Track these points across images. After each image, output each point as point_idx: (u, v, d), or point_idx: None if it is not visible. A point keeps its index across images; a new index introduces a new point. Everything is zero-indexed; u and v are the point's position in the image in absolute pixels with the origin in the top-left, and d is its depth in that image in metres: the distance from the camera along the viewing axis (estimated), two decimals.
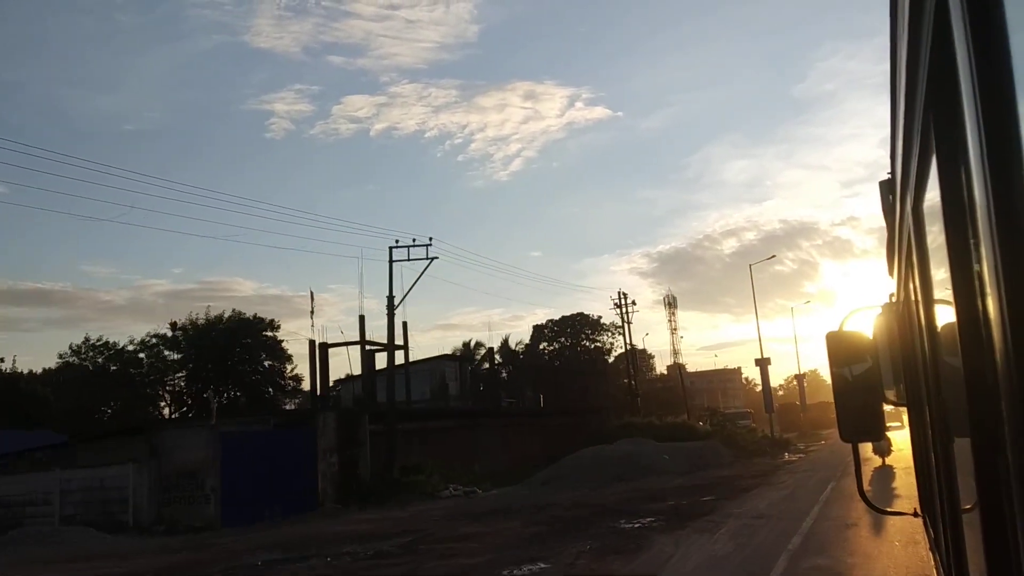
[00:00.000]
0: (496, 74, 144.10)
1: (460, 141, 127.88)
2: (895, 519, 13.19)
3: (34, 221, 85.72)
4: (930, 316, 1.89)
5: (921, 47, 1.23)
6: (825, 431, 60.47)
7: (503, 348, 63.61)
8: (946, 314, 1.52)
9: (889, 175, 2.74)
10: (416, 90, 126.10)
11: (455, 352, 62.25)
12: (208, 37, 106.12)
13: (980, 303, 0.98)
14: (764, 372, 56.14)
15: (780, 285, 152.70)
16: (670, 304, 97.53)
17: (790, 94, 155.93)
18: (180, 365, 47.70)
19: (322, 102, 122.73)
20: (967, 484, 1.48)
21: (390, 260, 32.24)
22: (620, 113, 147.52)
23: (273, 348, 48.95)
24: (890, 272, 3.52)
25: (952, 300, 1.26)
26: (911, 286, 2.35)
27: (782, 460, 37.14)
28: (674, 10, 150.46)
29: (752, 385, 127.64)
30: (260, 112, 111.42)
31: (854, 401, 3.36)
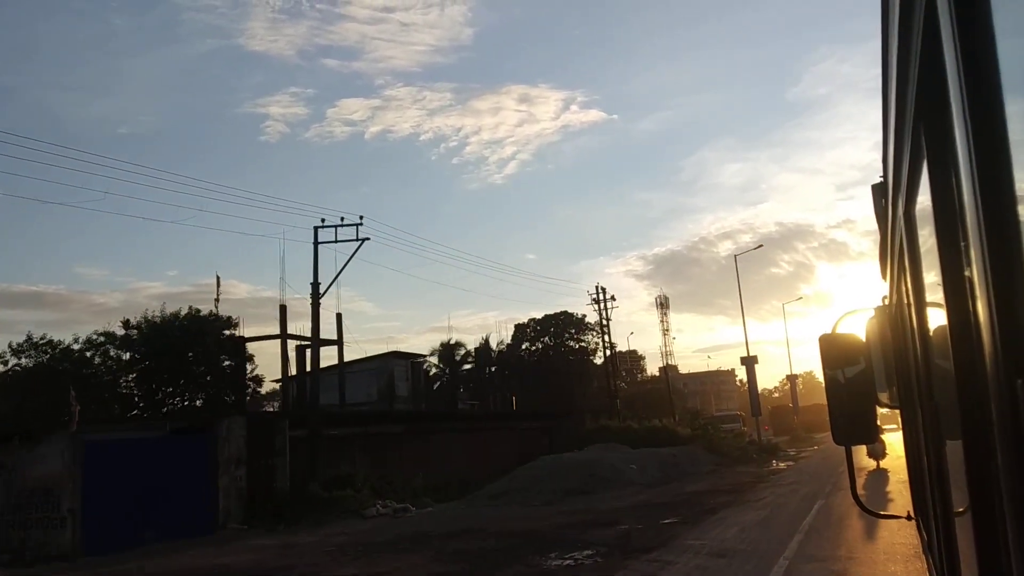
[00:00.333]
0: (491, 77, 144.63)
1: (455, 144, 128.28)
2: (894, 544, 12.17)
3: (28, 223, 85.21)
4: (922, 319, 1.90)
5: (911, 54, 1.24)
6: (819, 435, 57.51)
7: (483, 348, 60.21)
8: (938, 317, 1.53)
9: (881, 179, 2.75)
10: (411, 93, 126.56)
11: (433, 352, 58.47)
12: (203, 40, 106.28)
13: (971, 306, 0.98)
14: (750, 372, 52.86)
15: (776, 287, 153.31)
16: (662, 305, 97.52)
17: (784, 98, 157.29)
18: (131, 365, 44.15)
19: (317, 105, 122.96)
20: (960, 487, 1.49)
21: (315, 242, 29.21)
22: (615, 116, 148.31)
23: (236, 348, 44.44)
24: (883, 275, 3.53)
25: (943, 303, 1.27)
26: (903, 289, 2.36)
27: (768, 469, 33.72)
28: (669, 14, 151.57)
29: (746, 387, 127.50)
30: (255, 115, 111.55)
31: (847, 404, 3.36)
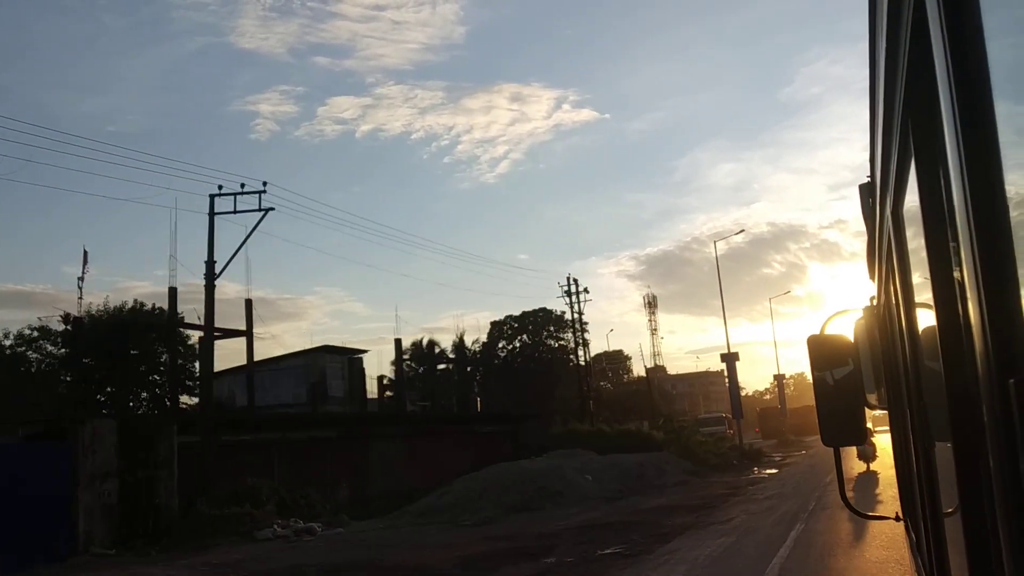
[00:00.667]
0: (483, 76, 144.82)
1: (447, 143, 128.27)
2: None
3: (16, 221, 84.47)
4: (910, 319, 1.90)
5: (899, 53, 1.24)
6: (808, 438, 54.95)
7: (458, 347, 56.78)
8: (926, 317, 1.53)
9: (869, 179, 2.75)
10: (402, 91, 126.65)
11: (406, 351, 54.20)
12: (192, 38, 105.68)
13: (960, 306, 0.98)
14: (731, 369, 49.21)
15: (769, 288, 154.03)
16: (650, 304, 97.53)
17: (777, 98, 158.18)
18: (68, 363, 40.63)
19: (307, 103, 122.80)
20: (948, 488, 1.48)
21: (211, 212, 24.57)
22: (607, 116, 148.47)
23: (186, 346, 41.05)
24: (871, 275, 3.54)
25: (932, 303, 1.27)
26: (891, 289, 2.37)
27: (747, 477, 30.19)
28: (661, 14, 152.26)
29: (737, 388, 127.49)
30: (245, 113, 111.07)
31: (836, 405, 3.36)
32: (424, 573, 13.97)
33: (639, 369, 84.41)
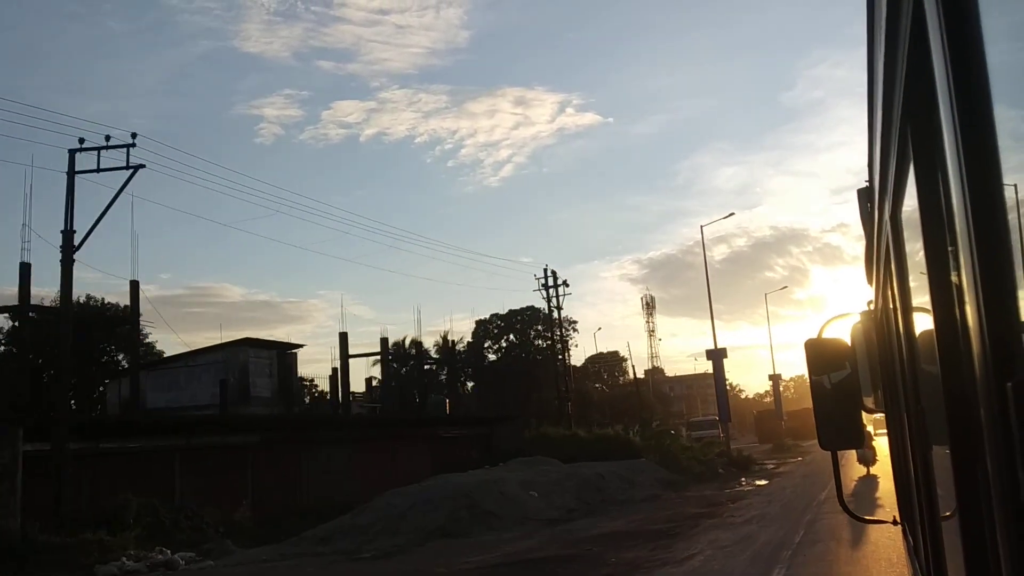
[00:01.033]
0: (486, 80, 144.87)
1: (451, 147, 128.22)
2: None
3: (18, 224, 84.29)
4: (908, 324, 1.90)
5: (898, 56, 1.24)
6: (806, 442, 52.46)
7: (442, 347, 54.22)
8: (924, 322, 1.53)
9: (867, 183, 2.76)
10: (406, 95, 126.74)
11: (393, 346, 51.02)
12: (197, 42, 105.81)
13: (958, 311, 0.98)
14: (718, 367, 43.92)
15: (771, 292, 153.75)
16: (648, 305, 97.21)
17: (779, 101, 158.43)
18: (10, 360, 36.87)
19: (312, 107, 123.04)
20: (946, 492, 1.49)
21: (70, 171, 20.08)
22: (610, 119, 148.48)
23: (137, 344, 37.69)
24: (868, 280, 3.54)
25: (930, 308, 1.27)
26: (889, 293, 2.37)
27: (731, 490, 26.63)
28: (664, 18, 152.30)
29: (736, 391, 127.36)
30: (250, 117, 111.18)
31: (833, 409, 3.37)
32: None
33: (640, 372, 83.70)
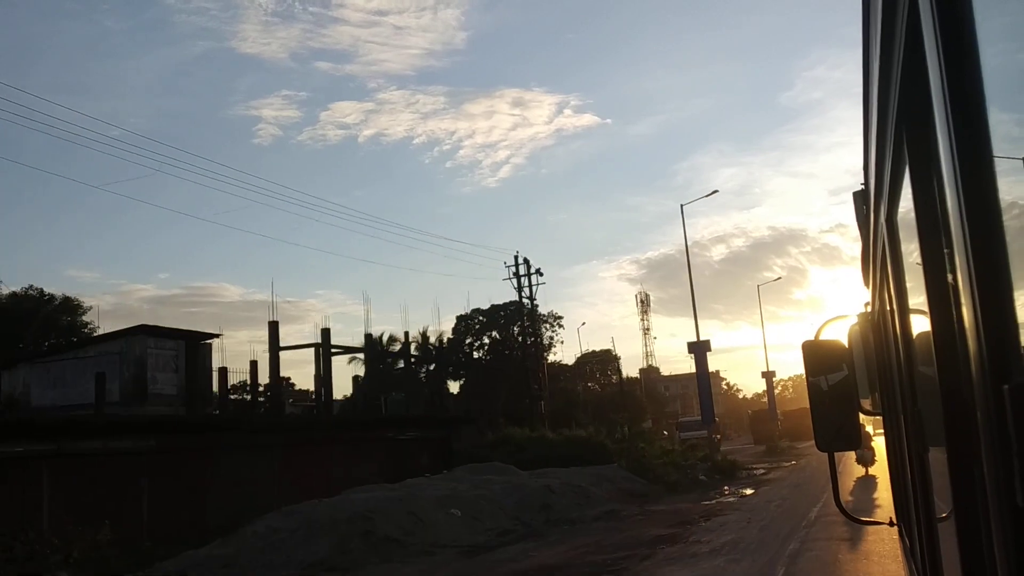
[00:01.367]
0: (484, 81, 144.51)
1: (449, 148, 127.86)
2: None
3: (19, 224, 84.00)
4: (904, 326, 1.91)
5: (893, 60, 1.24)
6: (802, 444, 49.67)
7: (421, 343, 50.56)
8: (920, 324, 1.53)
9: (863, 186, 2.76)
10: (404, 96, 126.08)
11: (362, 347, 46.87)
12: (195, 43, 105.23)
13: (954, 313, 0.99)
14: (701, 361, 40.12)
15: (770, 291, 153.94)
16: (643, 303, 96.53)
17: (778, 102, 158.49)
18: None
19: (310, 108, 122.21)
20: (942, 493, 1.49)
21: None
22: (608, 120, 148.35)
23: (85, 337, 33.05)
24: (865, 282, 3.55)
25: (926, 310, 1.27)
26: (885, 295, 2.37)
27: (708, 503, 22.55)
28: (662, 19, 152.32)
29: (734, 390, 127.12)
30: (247, 118, 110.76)
31: (830, 410, 3.38)
32: None
33: (630, 370, 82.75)
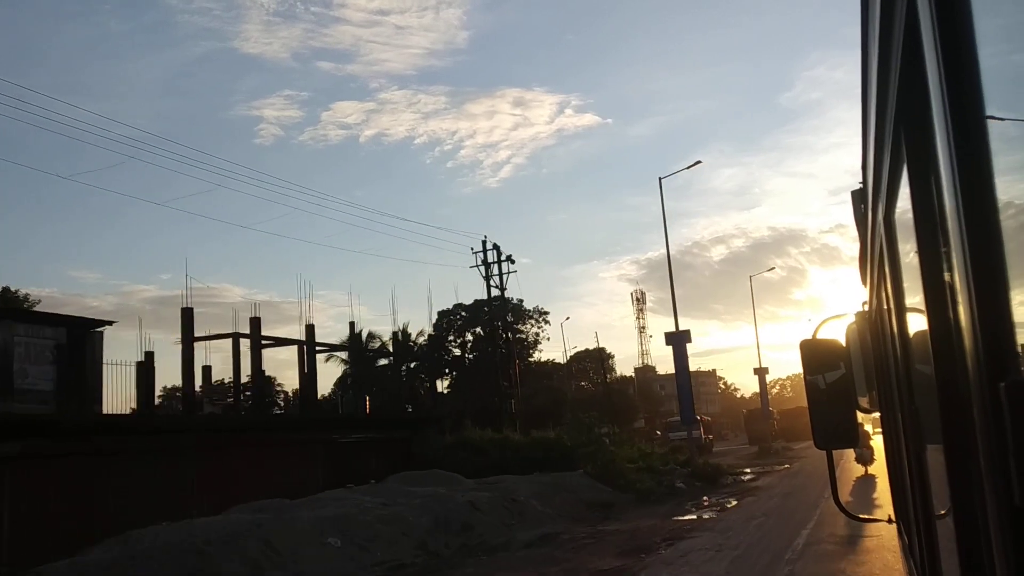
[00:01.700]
0: (486, 81, 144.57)
1: (450, 147, 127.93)
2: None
3: (22, 225, 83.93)
4: (902, 324, 1.91)
5: (892, 59, 1.25)
6: (799, 444, 46.40)
7: (400, 339, 47.67)
8: (917, 322, 1.54)
9: (861, 185, 2.77)
10: (406, 96, 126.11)
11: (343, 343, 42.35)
12: (197, 43, 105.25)
13: (952, 310, 0.99)
14: (679, 355, 34.73)
15: (770, 291, 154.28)
16: (639, 300, 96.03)
17: (778, 102, 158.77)
18: None
19: (311, 108, 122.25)
20: (940, 491, 1.49)
21: None
22: (609, 120, 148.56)
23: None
24: (863, 281, 3.56)
25: (923, 308, 1.28)
26: (883, 294, 2.38)
27: (679, 518, 19.09)
28: (662, 18, 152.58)
29: (731, 389, 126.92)
30: (249, 118, 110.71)
31: (828, 409, 3.39)
32: None
33: (628, 369, 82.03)
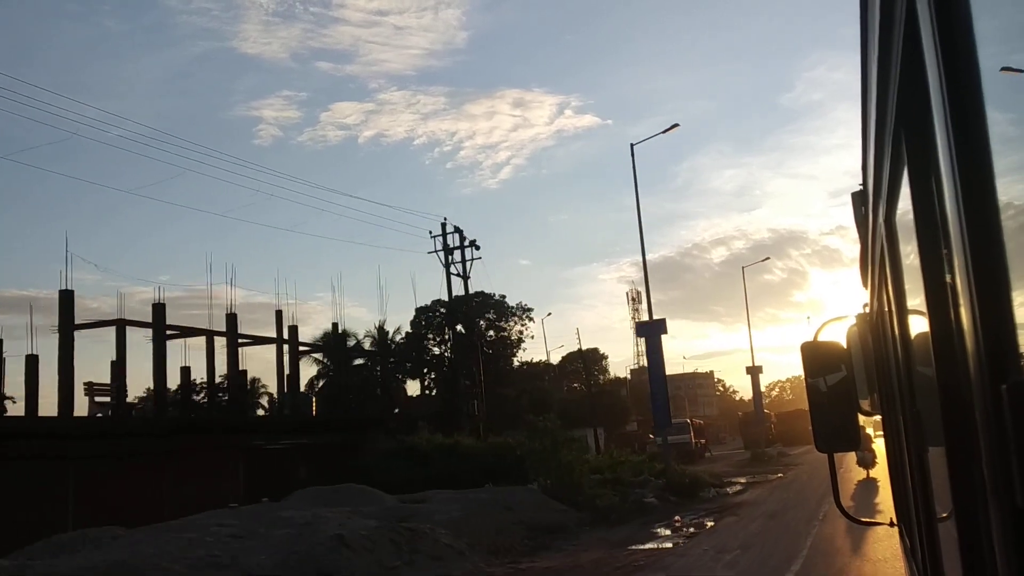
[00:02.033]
0: (485, 81, 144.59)
1: (449, 148, 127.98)
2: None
3: (19, 226, 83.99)
4: (903, 326, 1.91)
5: (891, 61, 1.24)
6: (796, 450, 43.55)
7: (378, 338, 46.26)
8: (919, 324, 1.53)
9: (861, 187, 2.77)
10: (405, 97, 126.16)
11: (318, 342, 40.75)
12: (195, 43, 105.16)
13: (953, 312, 0.99)
14: (652, 348, 32.22)
15: (770, 293, 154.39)
16: (634, 300, 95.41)
17: (778, 103, 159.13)
18: None
19: (310, 109, 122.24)
20: (942, 493, 1.49)
21: None
22: (609, 121, 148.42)
23: None
24: (863, 283, 3.56)
25: (924, 310, 1.27)
26: (884, 296, 2.38)
27: (635, 547, 15.80)
28: (662, 19, 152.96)
29: (730, 392, 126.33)
30: (248, 119, 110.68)
31: (829, 411, 3.39)
32: None
33: (621, 371, 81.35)
